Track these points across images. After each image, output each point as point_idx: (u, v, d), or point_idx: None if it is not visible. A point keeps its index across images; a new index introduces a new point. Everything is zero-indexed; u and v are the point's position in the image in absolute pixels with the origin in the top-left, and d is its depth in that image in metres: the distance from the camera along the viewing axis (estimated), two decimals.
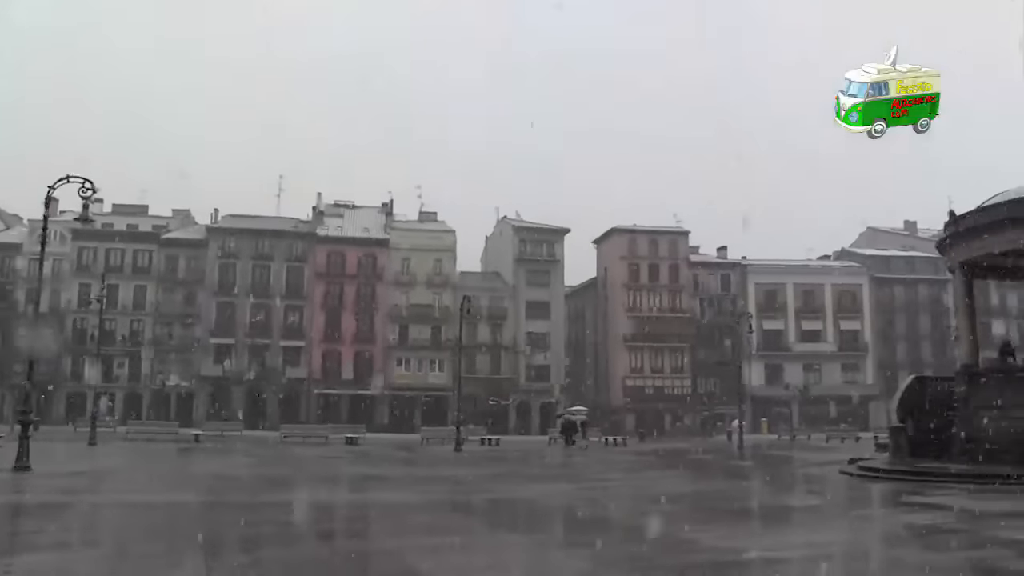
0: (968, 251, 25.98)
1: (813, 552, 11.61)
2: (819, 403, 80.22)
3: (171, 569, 9.74)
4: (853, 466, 25.61)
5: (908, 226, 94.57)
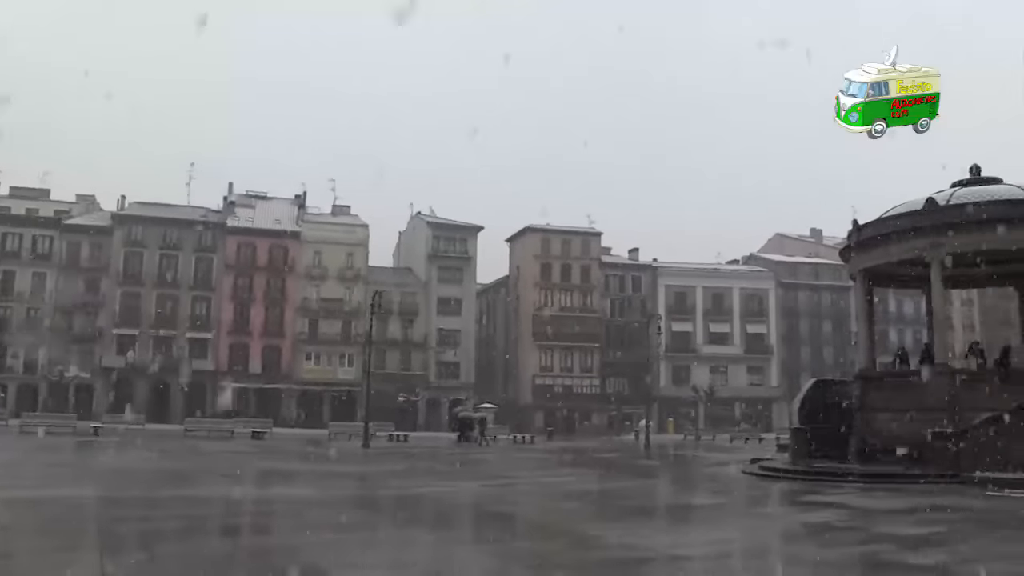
0: (868, 259, 26.85)
1: (714, 549, 11.83)
2: (725, 404, 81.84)
3: (63, 568, 9.29)
4: (755, 466, 26.22)
5: (814, 233, 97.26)
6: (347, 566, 10.06)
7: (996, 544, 12.07)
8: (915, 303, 71.52)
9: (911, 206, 25.27)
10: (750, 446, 45.99)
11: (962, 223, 23.73)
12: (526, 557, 10.86)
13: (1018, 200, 23.77)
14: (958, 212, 23.92)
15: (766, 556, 11.87)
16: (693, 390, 77.16)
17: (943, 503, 16.62)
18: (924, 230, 24.35)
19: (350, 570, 9.91)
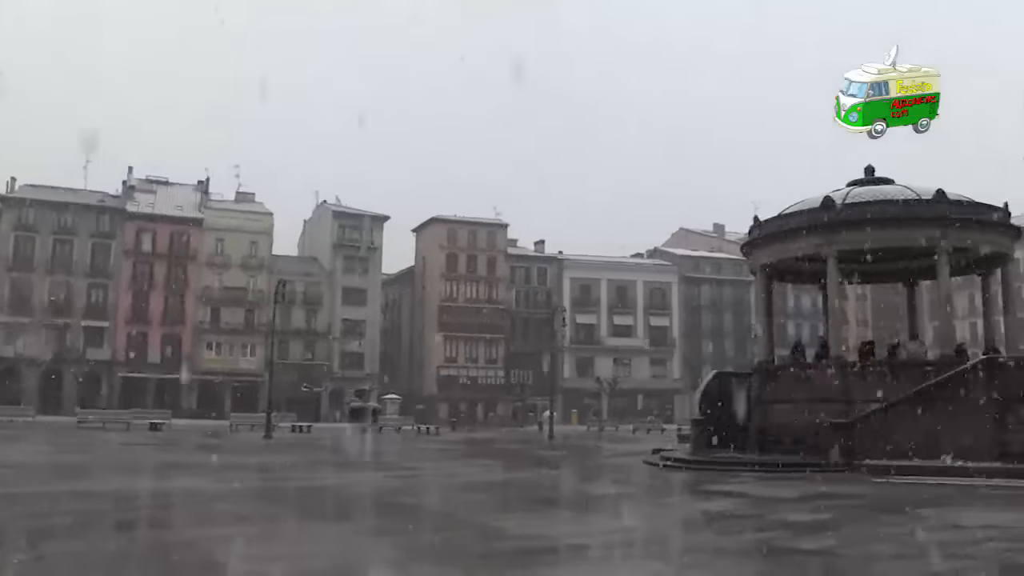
0: (768, 255, 27.52)
1: (616, 538, 12.03)
2: (628, 395, 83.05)
3: None
4: (657, 456, 26.67)
5: (717, 229, 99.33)
6: (247, 559, 9.90)
7: (881, 528, 12.56)
8: (812, 298, 73.67)
9: (809, 204, 25.98)
10: (652, 437, 46.68)
11: (855, 221, 24.50)
12: (428, 548, 10.87)
13: (907, 200, 24.66)
14: (852, 211, 24.71)
15: (666, 544, 12.11)
16: (597, 381, 78.09)
17: (835, 490, 17.21)
18: (821, 227, 25.07)
19: (251, 563, 9.74)
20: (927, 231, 24.43)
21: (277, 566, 9.57)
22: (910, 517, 13.79)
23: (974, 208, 25.06)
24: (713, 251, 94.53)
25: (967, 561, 10.13)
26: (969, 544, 11.28)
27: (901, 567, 9.73)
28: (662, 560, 10.73)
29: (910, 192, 25.11)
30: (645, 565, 10.29)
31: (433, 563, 9.89)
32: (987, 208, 25.38)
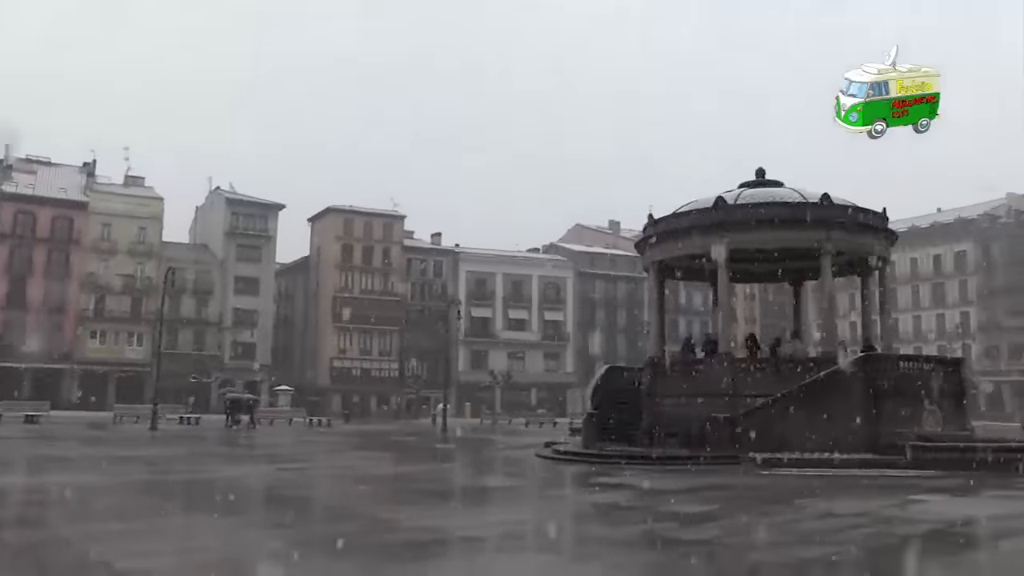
0: (662, 252, 28.12)
1: (507, 530, 12.14)
2: (521, 389, 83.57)
3: None
4: (549, 449, 26.95)
5: (612, 226, 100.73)
6: (132, 555, 9.54)
7: (763, 518, 13.02)
8: (704, 295, 75.41)
9: (702, 203, 26.65)
10: (545, 430, 47.10)
11: (746, 222, 25.33)
12: (319, 541, 10.79)
13: (793, 203, 25.56)
14: (743, 211, 25.50)
15: (557, 535, 12.27)
16: (491, 375, 78.39)
17: (721, 482, 17.75)
18: (712, 227, 25.77)
19: (135, 559, 9.39)
20: (813, 233, 25.37)
21: (160, 562, 9.28)
22: (789, 507, 14.37)
23: (856, 213, 26.13)
24: (608, 247, 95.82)
25: (838, 546, 10.67)
26: (841, 530, 11.95)
27: (778, 553, 10.11)
28: (553, 552, 10.89)
29: (798, 195, 26.03)
30: (536, 557, 10.43)
31: (323, 556, 9.82)
32: (868, 213, 26.50)
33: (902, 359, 27.63)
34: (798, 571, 9.43)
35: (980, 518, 13.55)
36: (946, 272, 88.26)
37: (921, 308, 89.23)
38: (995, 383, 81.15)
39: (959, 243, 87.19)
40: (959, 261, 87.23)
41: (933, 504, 14.83)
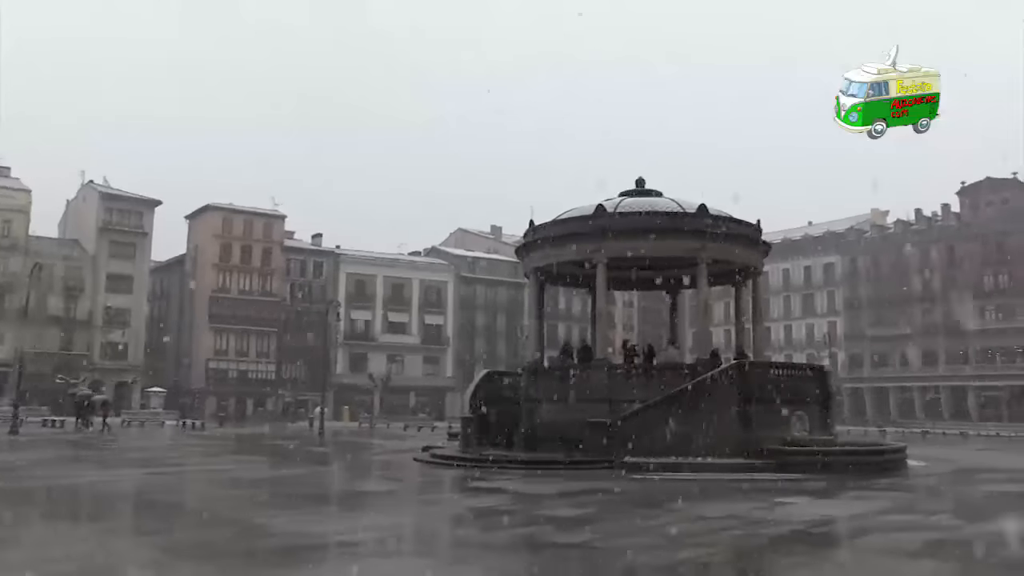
0: (542, 258, 28.35)
1: (383, 534, 12.02)
2: (401, 393, 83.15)
3: None
4: (426, 453, 26.84)
5: (494, 231, 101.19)
6: None
7: (636, 521, 13.25)
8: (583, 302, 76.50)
9: (582, 211, 27.01)
10: (424, 434, 46.94)
11: (625, 230, 25.75)
12: (189, 548, 10.47)
13: (671, 212, 26.17)
14: (621, 220, 25.94)
15: (433, 540, 12.25)
16: (370, 378, 77.75)
17: (596, 487, 17.96)
18: (592, 234, 26.12)
19: None
20: (689, 243, 26.01)
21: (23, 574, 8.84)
22: (663, 510, 14.69)
23: (731, 224, 26.92)
24: (490, 252, 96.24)
25: (709, 548, 11.01)
26: (711, 532, 12.30)
27: (650, 556, 10.29)
28: (428, 556, 10.85)
29: (676, 205, 26.64)
30: (412, 561, 10.36)
31: (191, 563, 9.53)
32: (743, 224, 27.34)
33: (773, 366, 28.55)
34: (670, 573, 9.63)
35: (840, 518, 14.16)
36: (816, 283, 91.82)
37: (792, 317, 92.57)
38: (858, 389, 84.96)
39: (828, 255, 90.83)
40: (828, 273, 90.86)
41: (798, 506, 15.39)
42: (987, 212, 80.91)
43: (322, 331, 64.92)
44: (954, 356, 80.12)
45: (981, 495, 19.52)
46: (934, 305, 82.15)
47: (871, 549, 11.44)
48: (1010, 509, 16.26)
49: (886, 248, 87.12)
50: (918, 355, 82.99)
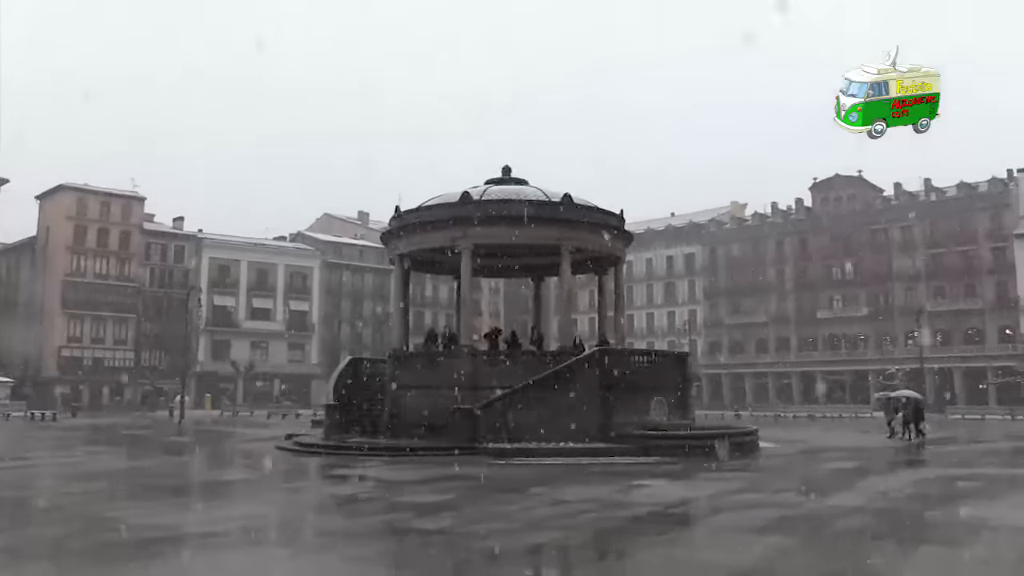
0: (408, 245, 28.29)
1: (243, 524, 11.83)
2: (264, 380, 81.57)
3: None
4: (289, 441, 26.54)
5: (362, 216, 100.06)
6: None
7: (496, 506, 13.48)
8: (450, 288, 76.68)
9: (448, 198, 27.09)
10: (287, 422, 46.28)
11: (491, 218, 25.95)
12: (35, 545, 10.10)
13: (536, 201, 26.49)
14: (487, 207, 26.13)
15: (293, 528, 12.15)
16: (233, 365, 75.96)
17: (458, 472, 18.13)
18: (457, 221, 26.23)
19: None
20: (554, 231, 26.40)
21: None
22: (524, 495, 14.94)
23: (595, 213, 27.47)
24: (357, 238, 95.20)
25: (567, 531, 11.29)
26: (571, 515, 12.64)
27: (509, 540, 10.47)
28: (287, 545, 10.76)
29: (541, 194, 26.99)
30: (269, 551, 10.26)
31: (33, 563, 9.17)
32: (606, 214, 27.92)
33: (634, 353, 29.36)
34: (529, 556, 9.83)
35: (694, 498, 14.78)
36: (677, 272, 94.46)
37: (654, 305, 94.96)
38: (716, 375, 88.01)
39: (689, 246, 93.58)
40: (689, 263, 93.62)
41: (655, 488, 15.92)
42: (836, 207, 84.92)
43: (183, 317, 63.12)
44: (805, 343, 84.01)
45: (824, 472, 20.66)
46: (787, 295, 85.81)
47: (722, 527, 11.97)
48: (847, 485, 17.29)
49: (744, 239, 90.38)
50: (772, 342, 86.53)
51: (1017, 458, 26.13)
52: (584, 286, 60.24)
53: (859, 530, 11.59)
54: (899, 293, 79.20)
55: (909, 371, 67.96)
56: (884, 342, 78.95)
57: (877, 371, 74.85)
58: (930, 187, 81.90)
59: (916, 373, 65.58)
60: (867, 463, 23.05)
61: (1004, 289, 74.55)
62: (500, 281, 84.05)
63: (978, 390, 73.59)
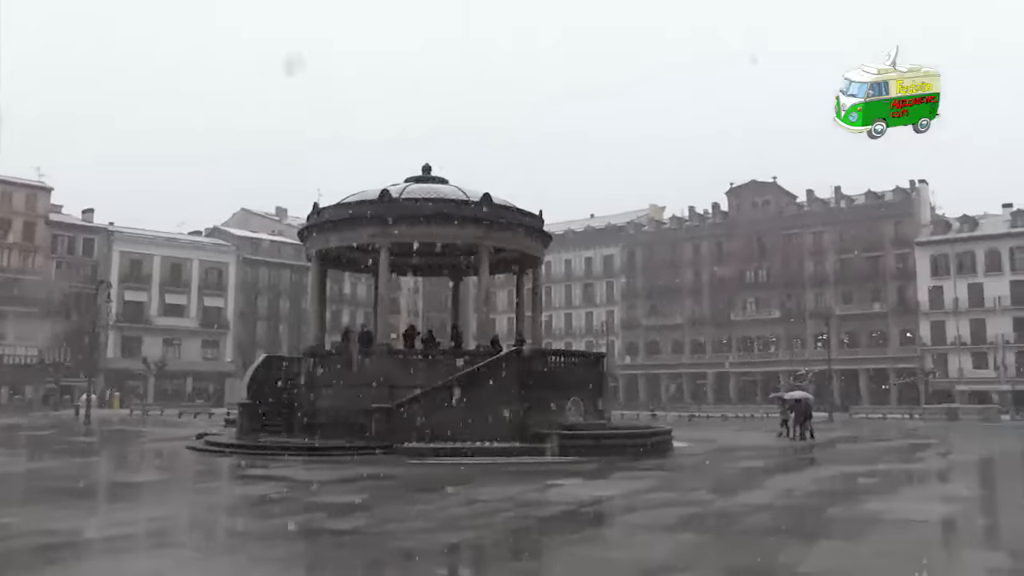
0: (326, 242, 27.96)
1: (150, 527, 11.55)
2: (177, 378, 79.76)
3: None
4: (201, 441, 25.97)
5: (280, 212, 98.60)
6: None
7: (412, 505, 13.36)
8: (368, 286, 76.04)
9: (368, 195, 26.84)
10: (200, 421, 45.26)
11: (410, 216, 25.80)
12: None
13: (456, 200, 26.44)
14: (406, 205, 25.97)
15: (201, 531, 11.88)
16: (144, 363, 74.11)
17: (375, 472, 17.99)
18: (376, 219, 26.00)
19: None
20: (473, 230, 26.38)
21: None
22: (439, 494, 14.90)
23: (514, 213, 27.52)
24: (274, 234, 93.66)
25: (482, 530, 11.31)
26: (485, 515, 12.67)
27: (423, 540, 10.40)
28: (195, 548, 10.49)
29: (461, 193, 26.93)
30: (175, 554, 9.95)
31: None
32: (525, 214, 28.00)
33: (551, 353, 29.44)
34: (443, 555, 9.77)
35: (609, 497, 14.89)
36: (596, 274, 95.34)
37: (573, 306, 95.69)
38: (633, 376, 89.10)
39: (608, 248, 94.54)
40: (608, 264, 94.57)
41: (569, 487, 15.98)
42: (751, 212, 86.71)
43: (91, 313, 61.33)
44: (719, 345, 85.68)
45: (734, 471, 21.07)
46: (703, 297, 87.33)
47: (635, 525, 12.10)
48: (756, 483, 17.65)
49: (661, 242, 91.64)
50: (688, 344, 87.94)
51: (913, 455, 27.03)
52: (503, 286, 60.47)
53: (766, 526, 11.90)
54: (810, 297, 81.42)
55: (818, 372, 69.87)
56: (795, 344, 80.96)
57: (788, 372, 76.69)
58: (840, 195, 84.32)
59: (824, 374, 67.46)
60: (775, 462, 23.64)
61: (906, 294, 77.34)
62: (420, 279, 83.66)
63: (881, 390, 76.20)
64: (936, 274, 76.06)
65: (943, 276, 75.71)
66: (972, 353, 73.68)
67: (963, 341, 73.95)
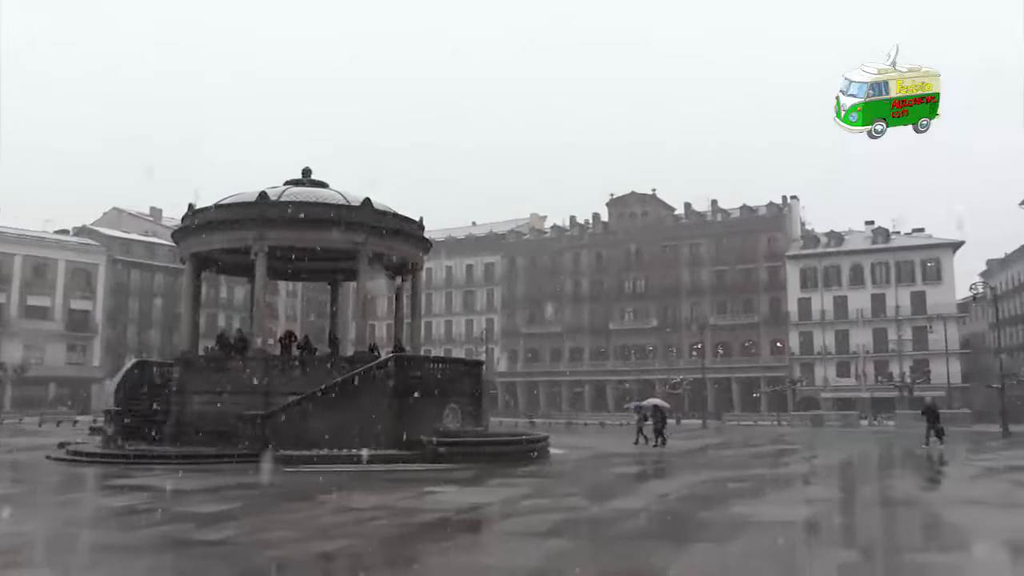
0: (200, 244, 27.28)
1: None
2: (38, 384, 76.08)
3: None
4: (63, 450, 24.87)
5: (154, 212, 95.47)
6: None
7: (284, 515, 13.16)
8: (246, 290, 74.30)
9: (245, 197, 26.31)
10: (63, 429, 43.32)
11: (288, 219, 25.40)
12: None
13: (334, 204, 26.14)
14: (284, 208, 25.55)
15: (61, 545, 11.34)
16: (1, 368, 70.62)
17: (246, 481, 17.59)
18: (253, 221, 25.52)
19: None
20: (352, 235, 26.11)
21: None
22: (312, 503, 14.69)
23: (395, 219, 27.40)
24: (148, 235, 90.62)
25: (355, 539, 11.20)
26: (359, 523, 12.53)
27: (295, 549, 10.21)
28: (51, 564, 10.04)
29: (341, 197, 26.65)
30: (29, 573, 9.50)
31: None
32: (406, 220, 27.93)
33: (428, 360, 29.45)
34: (314, 565, 9.61)
35: (484, 504, 14.94)
36: (477, 281, 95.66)
37: (453, 313, 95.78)
38: (512, 383, 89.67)
39: (489, 255, 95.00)
40: (488, 272, 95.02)
41: (445, 495, 15.98)
42: (630, 223, 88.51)
43: None
44: (597, 353, 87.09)
45: (609, 477, 21.46)
46: (582, 306, 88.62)
47: (509, 531, 12.18)
48: (630, 488, 18.03)
49: (542, 251, 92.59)
50: (566, 352, 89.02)
51: (780, 460, 28.12)
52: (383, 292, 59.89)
53: (639, 530, 12.18)
54: (686, 307, 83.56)
55: (692, 380, 71.76)
56: (671, 353, 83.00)
57: (663, 380, 78.53)
58: (716, 208, 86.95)
59: (699, 382, 69.32)
60: (649, 467, 24.15)
61: (777, 305, 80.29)
62: (298, 284, 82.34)
63: (752, 398, 78.79)
64: (805, 287, 79.31)
65: (811, 288, 78.99)
66: (837, 362, 77.02)
67: (829, 351, 77.25)
